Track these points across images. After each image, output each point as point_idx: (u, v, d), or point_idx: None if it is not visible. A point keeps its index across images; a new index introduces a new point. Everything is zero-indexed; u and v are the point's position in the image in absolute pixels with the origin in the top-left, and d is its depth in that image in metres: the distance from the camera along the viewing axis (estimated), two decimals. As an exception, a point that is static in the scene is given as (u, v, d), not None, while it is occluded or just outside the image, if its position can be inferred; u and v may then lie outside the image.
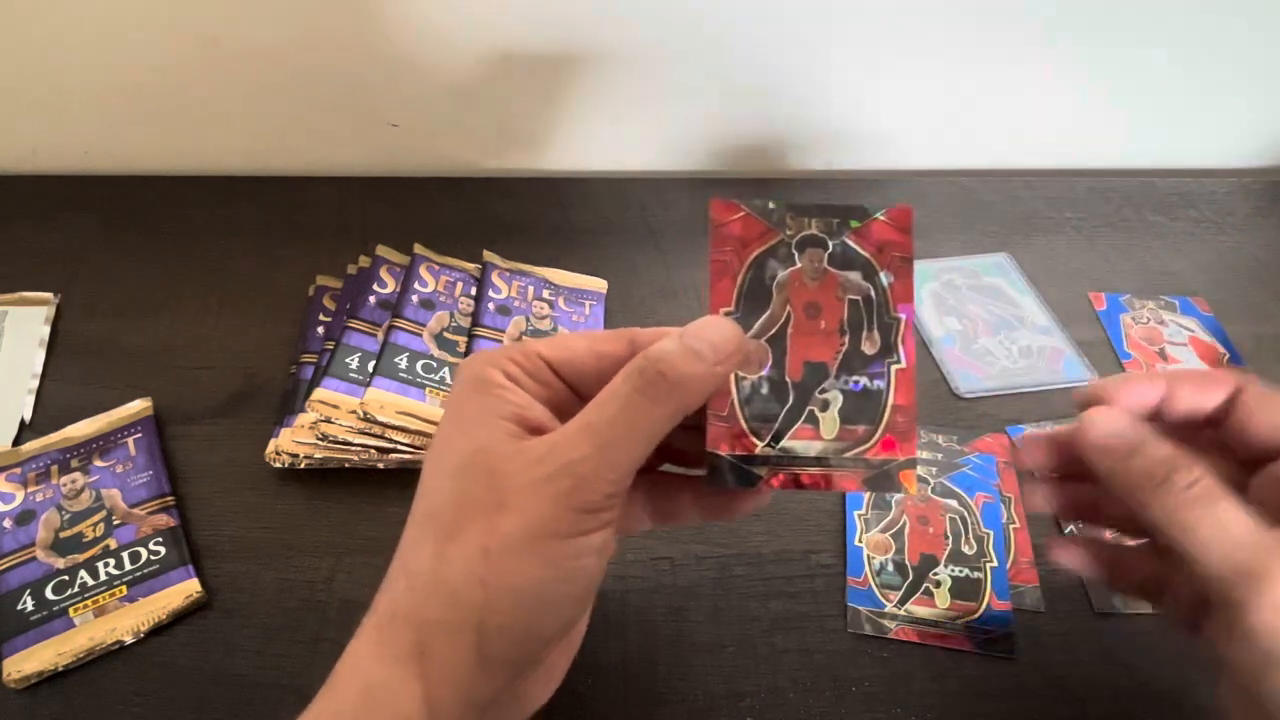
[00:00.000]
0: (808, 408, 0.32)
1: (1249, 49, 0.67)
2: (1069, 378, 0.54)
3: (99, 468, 0.46)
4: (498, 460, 0.28)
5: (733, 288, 0.32)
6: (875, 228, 0.33)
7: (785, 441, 0.32)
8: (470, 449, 0.29)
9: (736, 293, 0.32)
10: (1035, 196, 0.69)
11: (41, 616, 0.40)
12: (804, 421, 0.32)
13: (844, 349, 0.33)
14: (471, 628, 0.27)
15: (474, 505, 0.28)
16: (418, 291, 0.53)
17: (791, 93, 0.67)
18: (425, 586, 0.28)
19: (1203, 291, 0.61)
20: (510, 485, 0.27)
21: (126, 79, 0.62)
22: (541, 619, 0.28)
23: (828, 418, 0.32)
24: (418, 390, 0.48)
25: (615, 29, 0.62)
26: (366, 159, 0.68)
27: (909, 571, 0.44)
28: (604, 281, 0.59)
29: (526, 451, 0.28)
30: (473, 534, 0.27)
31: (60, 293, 0.56)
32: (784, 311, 0.33)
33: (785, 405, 0.32)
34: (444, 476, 0.29)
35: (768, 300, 0.32)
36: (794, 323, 0.32)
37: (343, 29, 0.61)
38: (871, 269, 0.33)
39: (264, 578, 0.42)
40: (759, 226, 0.33)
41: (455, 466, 0.29)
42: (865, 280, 0.33)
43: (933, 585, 0.43)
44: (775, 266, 0.33)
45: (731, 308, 0.32)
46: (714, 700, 0.39)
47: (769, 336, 0.32)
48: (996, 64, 0.66)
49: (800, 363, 0.32)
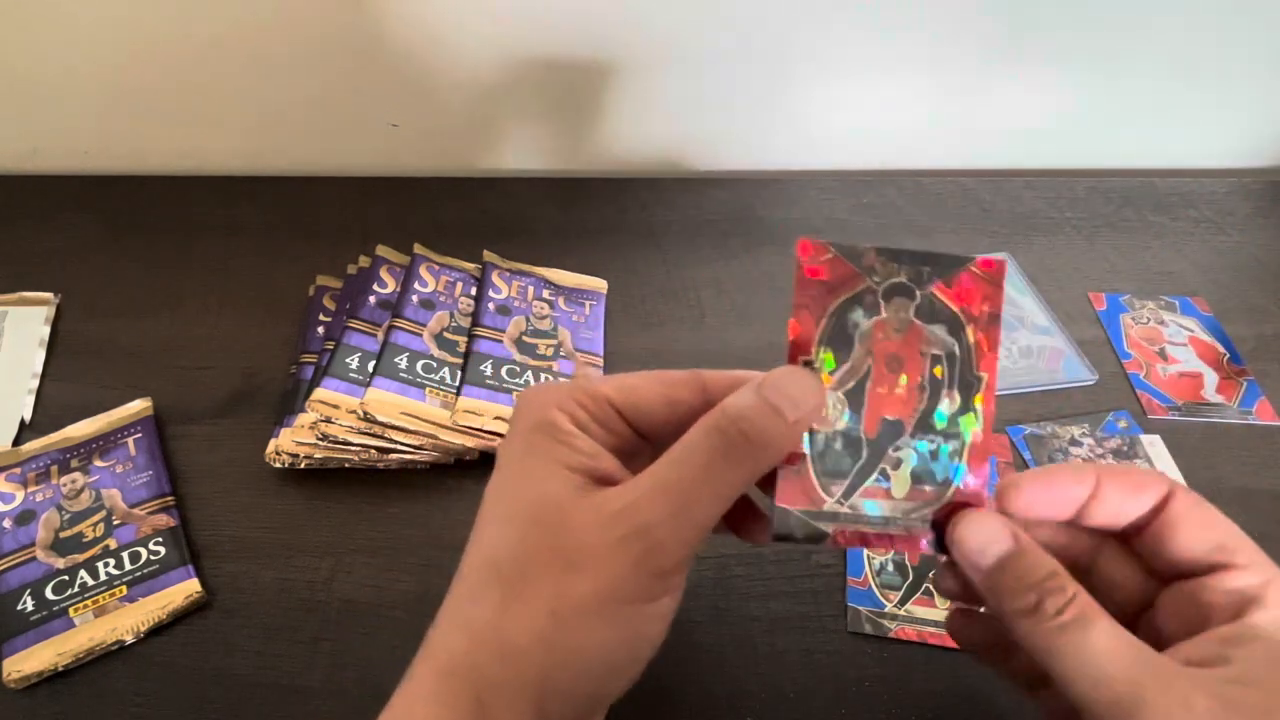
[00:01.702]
0: (880, 465, 0.31)
1: (1249, 49, 0.67)
2: (1069, 378, 0.54)
3: (99, 468, 0.46)
4: (567, 515, 0.27)
5: (814, 334, 0.31)
6: (965, 279, 0.32)
7: (855, 498, 0.31)
8: (536, 499, 0.28)
9: (818, 339, 0.31)
10: (1035, 196, 0.69)
11: (41, 616, 0.40)
12: (875, 479, 0.31)
13: (922, 407, 0.31)
14: (534, 690, 0.26)
15: (541, 562, 0.27)
16: (418, 291, 0.53)
17: (791, 92, 0.67)
18: (488, 645, 0.26)
19: (1203, 291, 0.61)
20: (581, 544, 0.26)
21: (126, 79, 0.62)
22: (605, 683, 0.28)
23: (899, 476, 0.31)
24: (418, 390, 0.48)
25: (616, 29, 0.62)
26: (366, 159, 0.68)
27: (909, 571, 0.44)
28: (604, 281, 0.59)
29: (599, 507, 0.27)
30: (540, 593, 0.26)
31: (60, 293, 0.56)
32: (865, 364, 0.31)
33: (858, 462, 0.31)
34: (507, 525, 0.28)
35: (849, 349, 0.31)
36: (874, 376, 0.31)
37: (343, 29, 0.61)
38: (958, 324, 0.32)
39: (264, 578, 0.42)
40: (846, 270, 0.31)
41: (520, 517, 0.28)
42: (950, 335, 0.32)
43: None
44: (859, 314, 0.31)
45: (811, 356, 0.31)
46: (714, 700, 0.39)
47: (847, 389, 0.31)
48: (997, 63, 0.66)
49: (877, 419, 0.31)
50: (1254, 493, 0.48)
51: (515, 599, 0.26)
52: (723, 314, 0.58)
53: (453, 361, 0.50)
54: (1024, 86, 0.68)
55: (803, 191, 0.69)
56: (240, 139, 0.67)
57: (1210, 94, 0.70)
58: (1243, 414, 0.52)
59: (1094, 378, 0.54)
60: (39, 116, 0.64)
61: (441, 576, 0.43)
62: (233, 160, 0.67)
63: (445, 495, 0.46)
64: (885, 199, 0.68)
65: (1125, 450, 0.49)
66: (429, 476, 0.47)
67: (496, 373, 0.50)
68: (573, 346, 0.53)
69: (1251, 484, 0.49)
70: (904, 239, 0.64)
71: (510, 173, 0.69)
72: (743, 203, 0.67)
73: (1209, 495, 0.47)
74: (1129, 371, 0.55)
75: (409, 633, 0.40)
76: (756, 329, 0.57)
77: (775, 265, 0.62)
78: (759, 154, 0.71)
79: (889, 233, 0.65)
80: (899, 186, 0.69)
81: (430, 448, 0.46)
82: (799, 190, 0.69)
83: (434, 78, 0.64)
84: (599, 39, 0.63)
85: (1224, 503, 0.48)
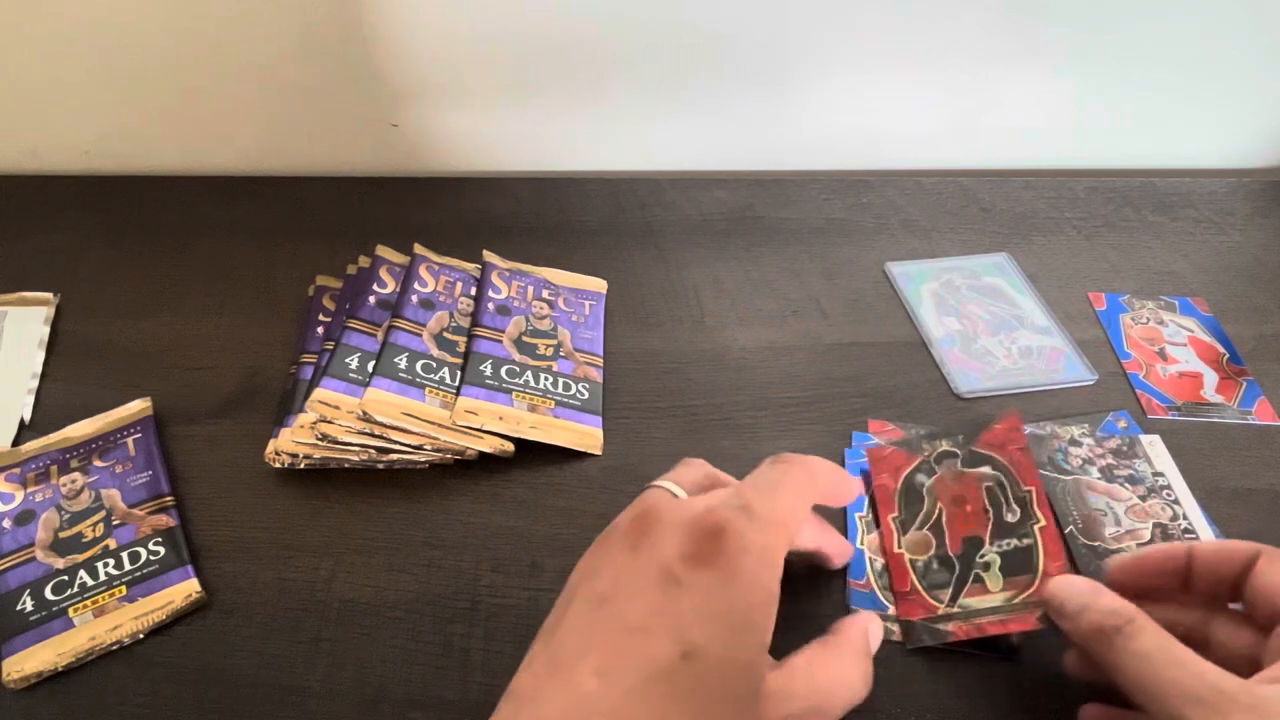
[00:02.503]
0: (973, 571, 0.41)
1: (1249, 49, 0.67)
2: (1069, 378, 0.54)
3: (98, 468, 0.46)
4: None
5: (893, 500, 0.45)
6: (995, 433, 0.46)
7: (962, 599, 0.40)
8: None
9: (897, 502, 0.45)
10: (1035, 196, 0.69)
11: (41, 617, 0.40)
12: (972, 583, 0.41)
13: (991, 522, 0.43)
14: None
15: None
16: (417, 291, 0.53)
17: (791, 92, 0.67)
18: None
19: (1203, 291, 0.61)
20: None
21: (126, 79, 0.62)
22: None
23: (991, 575, 0.41)
24: (418, 390, 0.48)
25: (616, 29, 0.62)
26: (366, 159, 0.68)
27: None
28: (604, 281, 0.59)
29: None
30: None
31: (60, 293, 0.56)
32: (935, 507, 0.44)
33: (954, 573, 0.41)
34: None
35: (921, 503, 0.44)
36: (945, 513, 0.43)
37: (343, 29, 0.61)
38: (997, 462, 0.45)
39: (264, 578, 0.42)
40: (904, 454, 0.46)
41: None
42: (994, 470, 0.45)
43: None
44: (922, 478, 0.45)
45: (896, 513, 0.44)
46: (713, 700, 0.39)
47: (928, 526, 0.43)
48: (996, 63, 0.66)
49: (959, 539, 0.42)
50: (1254, 493, 0.48)
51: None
52: (723, 314, 0.58)
53: (452, 361, 0.50)
54: (1024, 86, 0.68)
55: (803, 191, 0.69)
56: (240, 139, 0.67)
57: (1210, 94, 0.70)
58: (1242, 414, 0.52)
59: (1094, 378, 0.54)
60: (39, 116, 0.64)
61: (441, 576, 0.44)
62: (233, 160, 0.67)
63: (445, 495, 0.46)
64: (885, 199, 0.68)
65: (1125, 450, 0.49)
66: (429, 476, 0.47)
67: (496, 373, 0.50)
68: (572, 346, 0.53)
69: (1251, 484, 0.49)
70: (904, 239, 0.64)
71: (510, 173, 0.69)
72: (743, 203, 0.67)
73: (1209, 495, 0.47)
74: (1129, 371, 0.55)
75: (409, 633, 0.41)
76: (756, 329, 0.57)
77: (775, 265, 0.62)
78: (759, 154, 0.71)
79: (889, 232, 0.65)
80: (899, 186, 0.69)
81: (432, 447, 0.46)
82: (799, 190, 0.69)
83: (434, 78, 0.64)
84: (599, 39, 0.63)
85: (1224, 503, 0.48)
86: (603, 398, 0.51)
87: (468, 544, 0.44)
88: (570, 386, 0.51)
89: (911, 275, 0.61)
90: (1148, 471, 0.48)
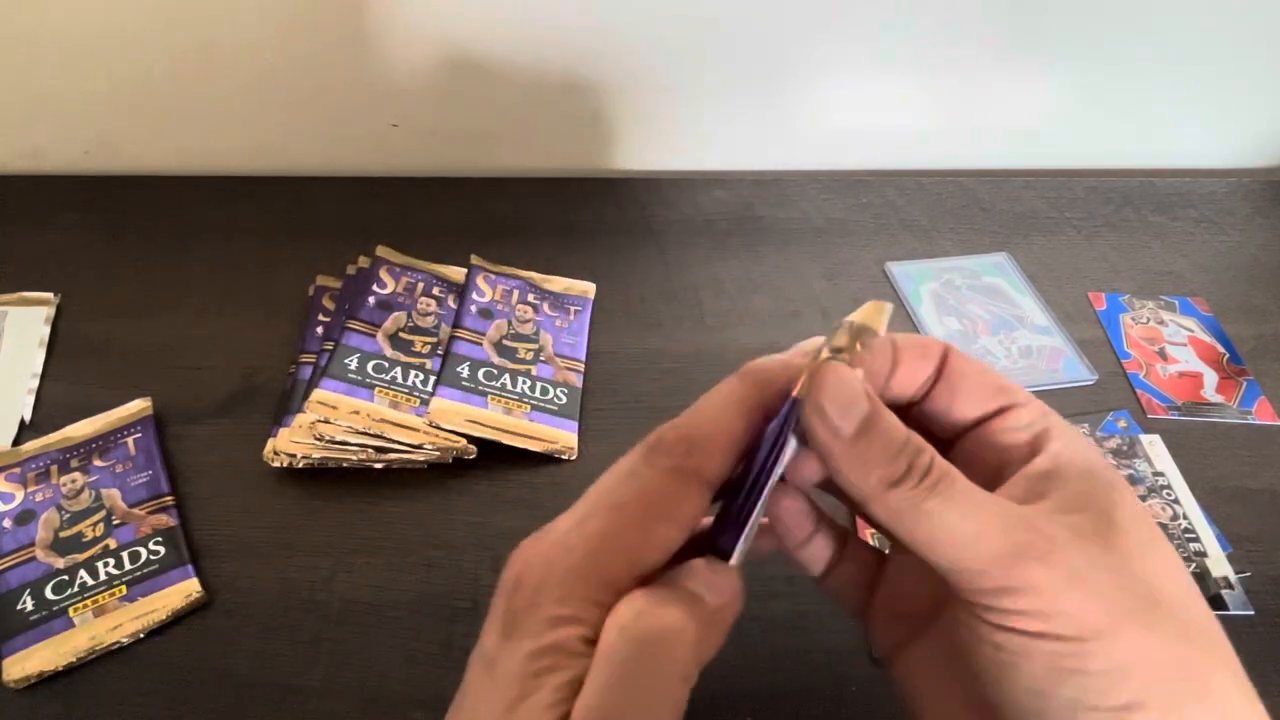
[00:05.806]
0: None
1: (1249, 49, 0.67)
2: (1069, 377, 0.54)
3: (99, 468, 0.46)
4: None
5: None
6: None
7: None
8: None
9: None
10: (1035, 196, 0.69)
11: (41, 616, 0.40)
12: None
13: None
14: None
15: None
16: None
17: (791, 92, 0.67)
18: None
19: (1203, 291, 0.61)
20: None
21: (126, 79, 0.62)
22: None
23: None
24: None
25: (615, 29, 0.62)
26: (366, 159, 0.68)
27: None
28: (592, 285, 0.59)
29: None
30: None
31: (60, 293, 0.56)
32: None
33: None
34: None
35: None
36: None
37: (342, 29, 0.61)
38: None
39: (263, 578, 0.42)
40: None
41: None
42: None
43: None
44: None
45: None
46: (714, 700, 0.39)
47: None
48: (996, 63, 0.66)
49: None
50: (1254, 493, 0.48)
51: None
52: (723, 314, 0.58)
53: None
54: (1024, 86, 0.68)
55: (803, 191, 0.69)
56: (240, 139, 0.67)
57: (1210, 94, 0.70)
58: (1242, 414, 0.52)
59: (1094, 377, 0.54)
60: (39, 116, 0.64)
61: (441, 576, 0.44)
62: (232, 160, 0.67)
63: (445, 495, 0.46)
64: (885, 199, 0.68)
65: (1125, 450, 0.49)
66: (429, 476, 0.47)
67: (473, 375, 0.50)
68: (553, 351, 0.53)
69: (1251, 484, 0.49)
70: (904, 239, 0.64)
71: (510, 173, 0.69)
72: (743, 203, 0.67)
73: (1209, 495, 0.47)
74: (1129, 371, 0.55)
75: (409, 632, 0.41)
76: (756, 329, 0.57)
77: (775, 265, 0.62)
78: (759, 154, 0.71)
79: (889, 232, 0.65)
80: (899, 186, 0.69)
81: (431, 446, 0.46)
82: (799, 190, 0.69)
83: (434, 78, 0.64)
84: (599, 38, 0.63)
85: (1224, 502, 0.48)
86: (581, 402, 0.51)
87: (468, 544, 0.44)
88: (548, 391, 0.51)
89: (911, 275, 0.61)
90: (1148, 471, 0.48)
